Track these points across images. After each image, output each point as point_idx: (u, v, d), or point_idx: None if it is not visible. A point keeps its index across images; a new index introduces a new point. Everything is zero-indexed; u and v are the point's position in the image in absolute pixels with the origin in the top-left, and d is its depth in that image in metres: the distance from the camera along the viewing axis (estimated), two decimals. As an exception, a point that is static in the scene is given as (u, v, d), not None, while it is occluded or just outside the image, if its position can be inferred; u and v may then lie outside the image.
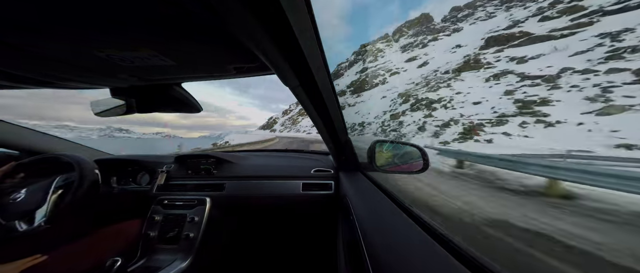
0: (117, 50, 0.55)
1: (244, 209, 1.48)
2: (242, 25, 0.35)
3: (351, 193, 1.00)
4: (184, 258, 1.25)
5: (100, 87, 0.92)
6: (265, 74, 0.75)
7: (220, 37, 0.48)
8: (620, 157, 8.08)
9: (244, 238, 1.57)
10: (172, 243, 1.31)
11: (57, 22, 0.42)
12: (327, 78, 0.64)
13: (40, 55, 0.58)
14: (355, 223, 0.69)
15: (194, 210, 1.38)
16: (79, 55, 0.59)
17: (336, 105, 0.84)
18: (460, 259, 0.42)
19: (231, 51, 0.57)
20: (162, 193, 1.44)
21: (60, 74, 0.71)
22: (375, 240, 0.56)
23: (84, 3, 0.36)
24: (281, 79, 0.57)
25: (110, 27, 0.43)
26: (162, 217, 1.37)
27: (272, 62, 0.48)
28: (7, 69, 0.66)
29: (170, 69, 0.69)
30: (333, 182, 1.42)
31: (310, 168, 1.50)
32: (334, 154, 1.46)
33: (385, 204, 0.79)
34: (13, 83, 0.78)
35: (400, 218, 0.65)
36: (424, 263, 0.44)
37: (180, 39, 0.50)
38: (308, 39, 0.44)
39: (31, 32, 0.45)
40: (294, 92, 0.65)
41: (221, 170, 1.54)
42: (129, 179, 1.53)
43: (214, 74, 0.77)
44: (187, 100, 0.99)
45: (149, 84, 0.88)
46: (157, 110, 1.03)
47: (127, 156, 1.64)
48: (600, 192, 3.91)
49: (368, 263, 0.48)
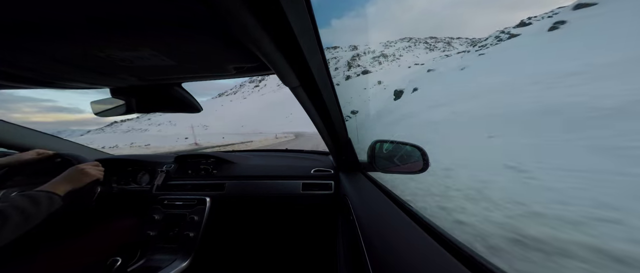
0: (117, 50, 0.55)
1: (244, 209, 1.48)
2: (242, 25, 0.35)
3: (351, 193, 1.00)
4: (184, 258, 1.25)
5: (100, 87, 0.92)
6: (265, 74, 0.75)
7: (220, 37, 0.48)
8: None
9: (244, 238, 1.57)
10: (172, 243, 1.31)
11: (57, 22, 0.42)
12: (327, 78, 0.64)
13: (40, 55, 0.58)
14: (356, 223, 0.69)
15: (194, 210, 1.38)
16: (79, 55, 0.58)
17: (336, 105, 0.84)
18: (460, 259, 0.42)
19: (231, 51, 0.57)
20: (162, 193, 1.44)
21: (60, 74, 0.71)
22: (375, 240, 0.56)
23: (84, 3, 0.36)
24: (281, 79, 0.57)
25: (110, 27, 0.43)
26: (162, 216, 1.37)
27: (272, 62, 0.48)
28: (7, 68, 0.66)
29: (170, 69, 0.69)
30: (333, 182, 1.42)
31: (310, 168, 1.50)
32: (334, 154, 1.46)
33: (385, 204, 0.79)
34: (13, 83, 0.78)
35: (400, 218, 0.65)
36: (424, 263, 0.44)
37: (180, 39, 0.50)
38: (308, 39, 0.44)
39: (31, 32, 0.45)
40: (294, 92, 0.65)
41: (221, 170, 1.54)
42: (129, 179, 1.53)
43: (214, 73, 0.77)
44: (187, 100, 0.99)
45: (149, 84, 0.88)
46: (157, 110, 1.03)
47: (127, 156, 1.64)
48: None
49: (368, 263, 0.48)
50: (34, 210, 0.72)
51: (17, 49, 0.53)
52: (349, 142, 1.28)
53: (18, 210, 0.68)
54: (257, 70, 0.72)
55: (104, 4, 0.36)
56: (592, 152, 3.52)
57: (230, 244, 1.54)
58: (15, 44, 0.51)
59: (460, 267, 0.40)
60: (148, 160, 1.59)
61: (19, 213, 0.67)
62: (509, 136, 5.22)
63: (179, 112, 1.06)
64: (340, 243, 0.91)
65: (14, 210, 0.67)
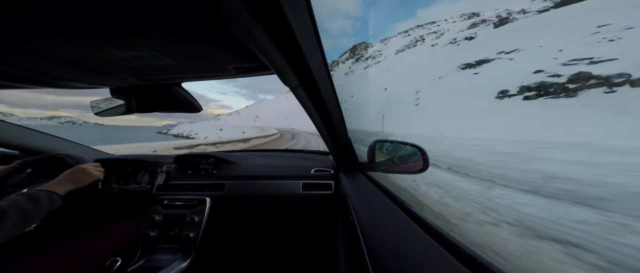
0: (117, 50, 0.55)
1: (244, 209, 1.48)
2: (242, 25, 0.35)
3: (351, 193, 1.00)
4: (184, 258, 1.25)
5: (100, 87, 0.92)
6: (265, 74, 0.75)
7: (220, 37, 0.48)
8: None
9: (244, 238, 1.57)
10: (172, 243, 1.31)
11: (57, 22, 0.42)
12: (327, 78, 0.64)
13: (40, 55, 0.58)
14: (356, 224, 0.69)
15: (194, 210, 1.38)
16: (79, 55, 0.58)
17: (336, 105, 0.84)
18: (461, 259, 0.42)
19: (231, 51, 0.57)
20: (162, 193, 1.44)
21: (60, 73, 0.71)
22: (376, 240, 0.56)
23: (84, 3, 0.36)
24: (281, 79, 0.57)
25: (110, 27, 0.43)
26: (162, 216, 1.37)
27: (272, 62, 0.48)
28: (7, 68, 0.66)
29: (170, 68, 0.69)
30: (333, 182, 1.42)
31: (310, 168, 1.50)
32: (334, 154, 1.46)
33: (385, 204, 0.79)
34: (13, 83, 0.78)
35: (400, 218, 0.65)
36: (425, 263, 0.44)
37: (180, 39, 0.50)
38: (308, 39, 0.44)
39: (31, 32, 0.45)
40: (294, 92, 0.65)
41: (221, 170, 1.54)
42: (129, 179, 1.53)
43: (214, 73, 0.77)
44: (187, 100, 0.99)
45: (148, 84, 0.88)
46: (157, 110, 1.03)
47: (127, 156, 1.64)
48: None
49: (368, 264, 0.48)
50: (34, 210, 0.72)
51: (17, 49, 0.53)
52: (349, 142, 1.28)
53: (17, 209, 0.68)
54: (257, 70, 0.72)
55: (104, 4, 0.36)
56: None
57: (230, 244, 1.54)
58: (15, 44, 0.51)
59: (461, 267, 0.40)
60: (148, 160, 1.59)
61: (18, 212, 0.67)
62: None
63: (178, 112, 1.06)
64: (340, 243, 0.91)
65: (13, 209, 0.67)
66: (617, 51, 25.71)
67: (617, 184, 4.17)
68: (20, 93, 49.87)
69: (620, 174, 4.68)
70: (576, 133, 9.81)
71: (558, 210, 3.31)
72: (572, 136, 9.25)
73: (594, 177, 4.53)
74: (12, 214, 0.66)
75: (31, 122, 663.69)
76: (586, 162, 5.58)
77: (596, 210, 3.29)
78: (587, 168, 5.17)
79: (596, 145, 7.37)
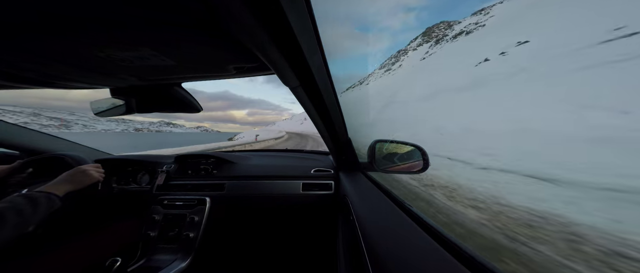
0: (117, 50, 0.55)
1: (244, 209, 1.48)
2: (242, 25, 0.35)
3: (351, 193, 1.00)
4: (184, 258, 1.25)
5: (100, 87, 0.92)
6: (265, 74, 0.75)
7: (220, 37, 0.48)
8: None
9: (244, 238, 1.57)
10: (172, 243, 1.31)
11: (57, 22, 0.42)
12: (327, 78, 0.64)
13: (40, 55, 0.58)
14: (356, 224, 0.69)
15: (194, 210, 1.38)
16: (79, 55, 0.58)
17: (336, 105, 0.84)
18: (461, 259, 0.42)
19: (231, 51, 0.57)
20: (162, 193, 1.44)
21: (60, 73, 0.71)
22: (376, 240, 0.56)
23: (84, 3, 0.36)
24: (281, 78, 0.57)
25: (111, 27, 0.43)
26: (162, 217, 1.37)
27: (272, 62, 0.48)
28: (7, 69, 0.66)
29: (170, 69, 0.69)
30: (333, 182, 1.42)
31: (310, 168, 1.50)
32: (334, 154, 1.46)
33: (385, 204, 0.79)
34: (13, 83, 0.78)
35: (400, 218, 0.65)
36: (424, 263, 0.44)
37: (180, 38, 0.50)
38: (308, 38, 0.44)
39: (31, 32, 0.45)
40: (294, 92, 0.65)
41: (221, 170, 1.54)
42: (129, 179, 1.53)
43: (214, 73, 0.77)
44: (186, 100, 0.99)
45: (148, 84, 0.88)
46: (157, 110, 1.03)
47: (127, 156, 1.64)
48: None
49: (368, 264, 0.48)
50: (33, 211, 0.71)
51: (17, 49, 0.53)
52: (349, 142, 1.28)
53: (16, 211, 0.67)
54: (257, 70, 0.72)
55: (104, 4, 0.36)
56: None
57: (230, 244, 1.54)
58: (15, 44, 0.51)
59: (460, 267, 0.40)
60: (148, 160, 1.59)
61: (16, 214, 0.67)
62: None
63: (178, 112, 1.06)
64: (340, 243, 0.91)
65: (11, 211, 0.66)
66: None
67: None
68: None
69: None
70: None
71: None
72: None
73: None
74: (10, 216, 0.65)
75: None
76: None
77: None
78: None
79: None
